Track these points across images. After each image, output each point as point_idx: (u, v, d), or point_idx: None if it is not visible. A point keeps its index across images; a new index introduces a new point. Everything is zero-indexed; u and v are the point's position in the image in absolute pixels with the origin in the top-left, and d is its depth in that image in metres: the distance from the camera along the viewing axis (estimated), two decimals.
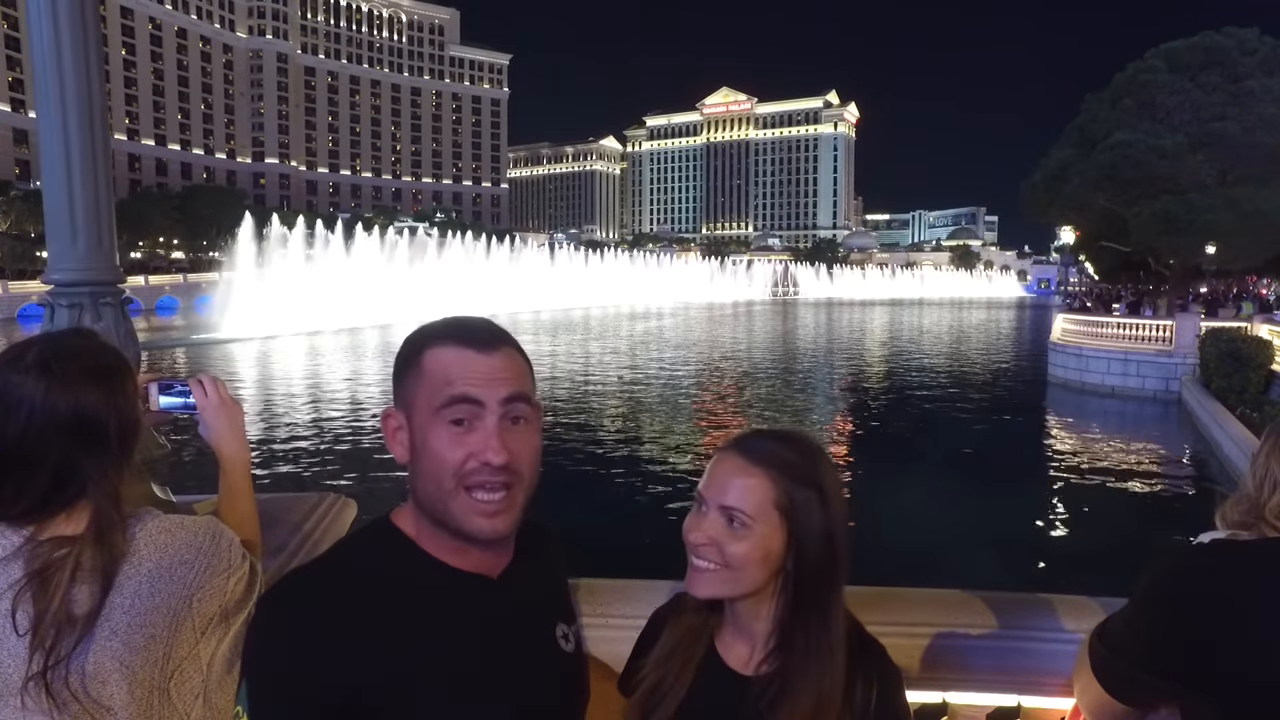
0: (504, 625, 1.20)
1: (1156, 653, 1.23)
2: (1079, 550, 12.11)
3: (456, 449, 1.14)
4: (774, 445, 1.29)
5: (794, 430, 1.38)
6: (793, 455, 1.27)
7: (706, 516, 1.28)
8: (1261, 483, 1.45)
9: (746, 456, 1.28)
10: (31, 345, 1.40)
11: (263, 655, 1.13)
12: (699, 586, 1.29)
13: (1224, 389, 21.56)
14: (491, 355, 1.18)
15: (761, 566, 1.26)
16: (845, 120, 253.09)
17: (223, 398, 1.73)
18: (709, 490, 1.29)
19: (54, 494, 1.32)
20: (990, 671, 1.95)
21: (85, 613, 1.26)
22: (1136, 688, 1.32)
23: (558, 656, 1.29)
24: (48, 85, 2.01)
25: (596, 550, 11.09)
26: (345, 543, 1.28)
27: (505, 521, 1.17)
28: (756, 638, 1.31)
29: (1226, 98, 34.10)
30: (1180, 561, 1.24)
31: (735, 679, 1.32)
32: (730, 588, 1.28)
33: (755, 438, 1.32)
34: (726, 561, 1.26)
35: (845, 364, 38.69)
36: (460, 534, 1.18)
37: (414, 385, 1.17)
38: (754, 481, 1.25)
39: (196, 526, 1.42)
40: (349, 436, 18.88)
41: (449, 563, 1.19)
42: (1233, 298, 47.91)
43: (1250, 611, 1.11)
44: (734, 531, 1.25)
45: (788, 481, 1.25)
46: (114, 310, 2.14)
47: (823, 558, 1.25)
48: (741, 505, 1.25)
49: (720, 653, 1.35)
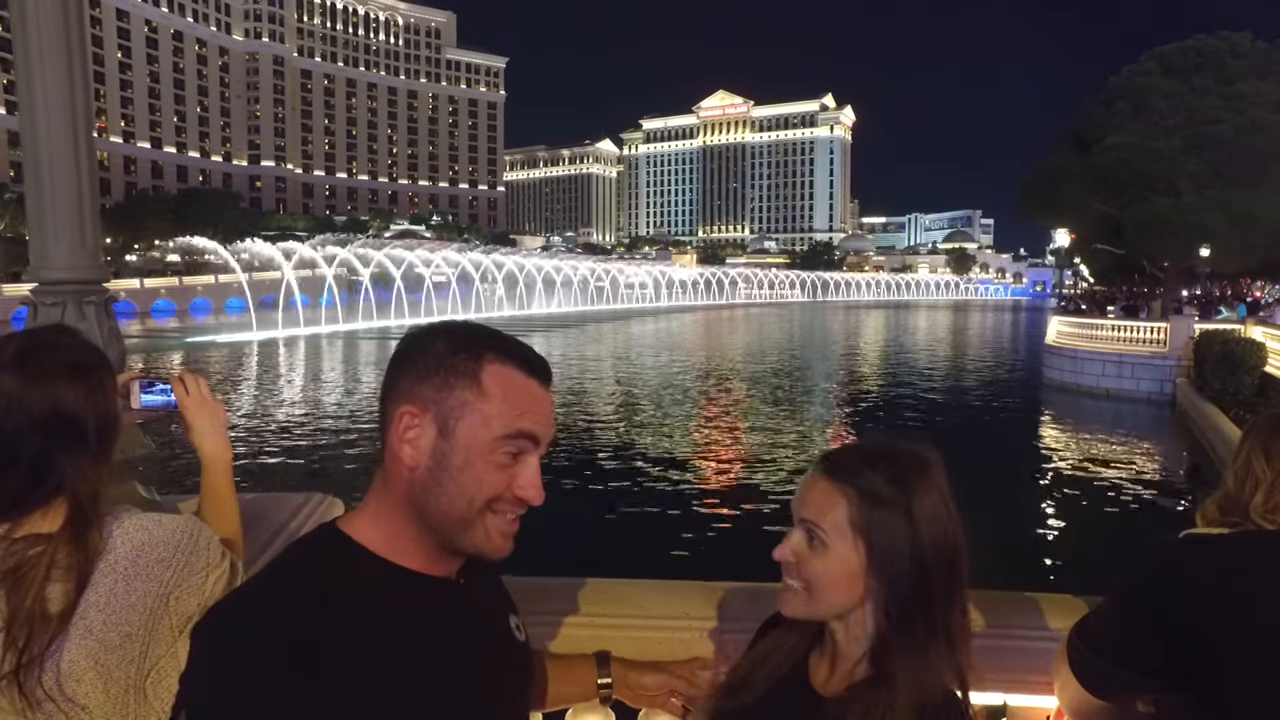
0: (469, 620, 1.20)
1: (1131, 649, 1.23)
2: (1072, 551, 12.13)
3: (502, 477, 1.10)
4: (858, 461, 1.25)
5: (892, 445, 1.29)
6: (878, 472, 1.22)
7: (792, 533, 1.27)
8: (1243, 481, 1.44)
9: (828, 472, 1.25)
10: (9, 342, 1.39)
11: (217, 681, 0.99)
12: (785, 606, 1.28)
13: (1218, 391, 21.63)
14: (548, 389, 1.15)
15: (842, 588, 1.21)
16: (841, 123, 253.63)
17: (204, 396, 1.72)
18: (796, 505, 1.28)
19: (29, 491, 1.31)
20: (977, 670, 1.94)
21: (59, 611, 1.25)
22: (1112, 683, 1.33)
23: (514, 646, 1.30)
24: (29, 84, 2.00)
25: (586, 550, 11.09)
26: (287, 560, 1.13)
27: (511, 545, 1.16)
28: (845, 661, 1.26)
29: (1219, 101, 34.29)
30: (1153, 558, 1.24)
31: (812, 697, 1.28)
32: (811, 609, 1.25)
33: (842, 453, 1.28)
34: (806, 580, 1.24)
35: (838, 367, 38.73)
36: (464, 550, 1.14)
37: (462, 394, 1.08)
38: (831, 499, 1.22)
39: (175, 524, 1.41)
40: (340, 438, 18.83)
41: (414, 569, 1.14)
42: (1226, 300, 48.06)
43: (1221, 604, 1.11)
44: (813, 549, 1.23)
45: (867, 500, 1.20)
46: (97, 309, 2.13)
47: (911, 583, 1.18)
48: (819, 520, 1.22)
49: (810, 668, 1.33)
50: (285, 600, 1.04)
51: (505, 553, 1.14)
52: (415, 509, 1.10)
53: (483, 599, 1.25)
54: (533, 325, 60.42)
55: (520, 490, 1.10)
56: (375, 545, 1.12)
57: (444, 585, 1.17)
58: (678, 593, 2.13)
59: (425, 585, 1.14)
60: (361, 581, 1.08)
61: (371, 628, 1.04)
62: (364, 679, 1.01)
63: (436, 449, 1.08)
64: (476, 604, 1.22)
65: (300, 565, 1.11)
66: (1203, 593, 1.13)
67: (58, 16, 1.98)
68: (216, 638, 1.03)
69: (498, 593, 1.34)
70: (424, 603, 1.12)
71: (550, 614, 2.01)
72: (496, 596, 1.32)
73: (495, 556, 1.13)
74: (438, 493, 1.08)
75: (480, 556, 1.14)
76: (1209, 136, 33.17)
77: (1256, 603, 1.10)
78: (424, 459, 1.09)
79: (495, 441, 1.08)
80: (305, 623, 1.00)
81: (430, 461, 1.08)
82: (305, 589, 1.05)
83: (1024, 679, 1.93)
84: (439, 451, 1.08)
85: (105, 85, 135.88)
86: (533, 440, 1.11)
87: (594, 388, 29.07)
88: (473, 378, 1.09)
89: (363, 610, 1.05)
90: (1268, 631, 1.08)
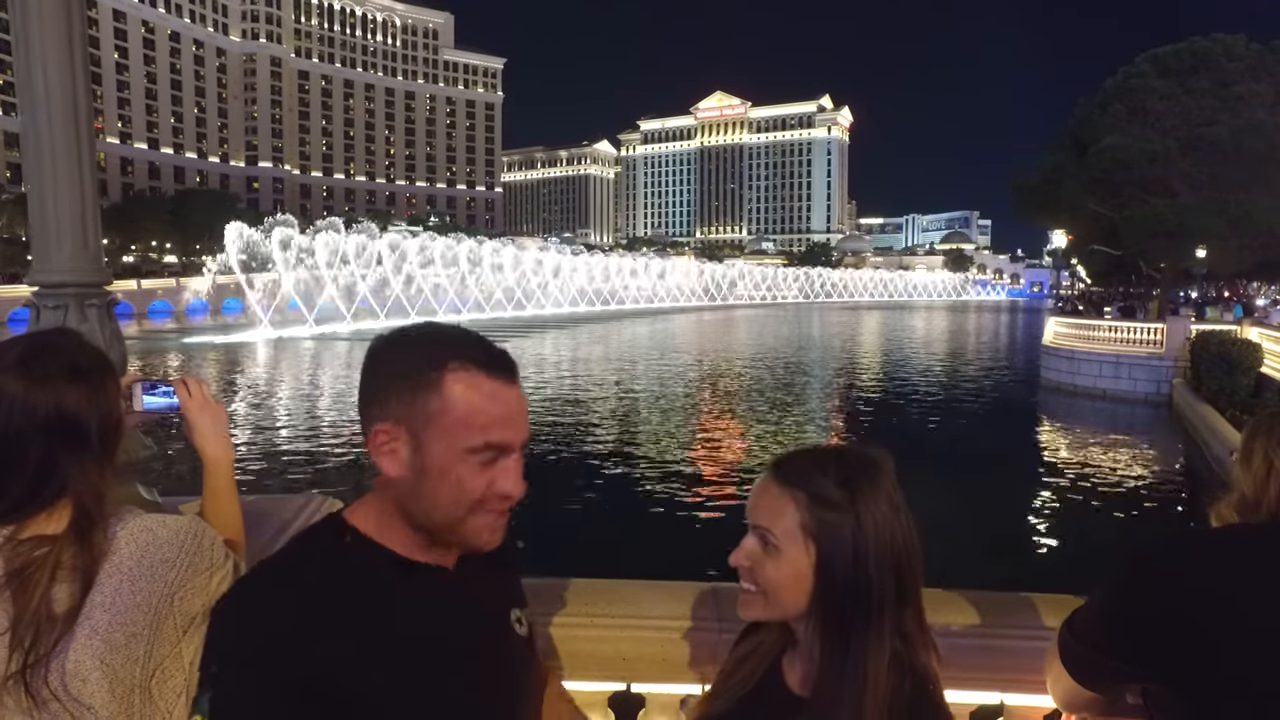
0: (461, 613, 1.23)
1: (1120, 640, 1.25)
2: (1068, 551, 12.16)
3: (480, 480, 1.13)
4: (807, 465, 1.26)
5: (841, 448, 1.31)
6: (827, 475, 1.23)
7: (746, 539, 1.29)
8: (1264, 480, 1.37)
9: (778, 477, 1.27)
10: (13, 345, 1.40)
11: (231, 641, 1.13)
12: (743, 609, 1.30)
13: (1214, 392, 21.68)
14: (513, 387, 1.16)
15: (796, 590, 1.23)
16: (839, 124, 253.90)
17: (205, 398, 1.73)
18: (749, 511, 1.30)
19: (34, 493, 1.31)
20: (974, 669, 1.95)
21: (65, 611, 1.25)
22: (1101, 674, 1.35)
23: (513, 639, 1.32)
24: (32, 85, 2.01)
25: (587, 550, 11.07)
26: (302, 539, 1.24)
27: (502, 535, 1.21)
28: (811, 661, 1.28)
29: (1215, 102, 34.36)
30: (1142, 553, 1.26)
31: (787, 697, 1.31)
32: (768, 611, 1.28)
33: (791, 458, 1.30)
34: (760, 584, 1.26)
35: (837, 367, 38.75)
36: (457, 545, 1.20)
37: (428, 406, 1.11)
38: (782, 503, 1.24)
39: (178, 525, 1.42)
40: (342, 440, 18.82)
41: (409, 557, 1.20)
42: (1223, 301, 48.17)
43: (1208, 597, 1.13)
44: (767, 553, 1.25)
45: (816, 503, 1.22)
46: (99, 312, 2.14)
47: (850, 584, 1.20)
48: (770, 525, 1.24)
49: (784, 669, 1.35)
50: (292, 579, 1.14)
51: (495, 544, 1.20)
52: (405, 511, 1.17)
53: (480, 590, 1.28)
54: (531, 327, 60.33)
55: (499, 489, 1.15)
56: (375, 534, 1.19)
57: (439, 574, 1.22)
58: (674, 593, 2.15)
59: (420, 573, 1.20)
60: (361, 566, 1.16)
61: (370, 609, 1.13)
62: (360, 656, 1.09)
63: (414, 462, 1.13)
64: (472, 593, 1.25)
65: (308, 548, 1.20)
66: (1191, 584, 1.15)
67: (60, 17, 1.99)
68: (230, 611, 1.17)
69: (500, 585, 1.36)
70: (418, 589, 1.18)
71: (548, 613, 2.03)
72: (498, 589, 1.35)
73: (486, 549, 1.19)
74: (422, 499, 1.14)
75: (472, 550, 1.20)
76: (1205, 138, 33.23)
77: (1244, 594, 1.12)
78: (404, 470, 1.13)
79: (465, 452, 1.12)
80: (310, 601, 1.11)
81: (410, 473, 1.13)
82: (310, 569, 1.15)
83: (1020, 678, 1.95)
84: (416, 464, 1.13)
85: (102, 86, 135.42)
86: (504, 448, 1.14)
87: (594, 387, 29.06)
88: (436, 389, 1.11)
89: (362, 593, 1.13)
90: (1255, 622, 1.10)
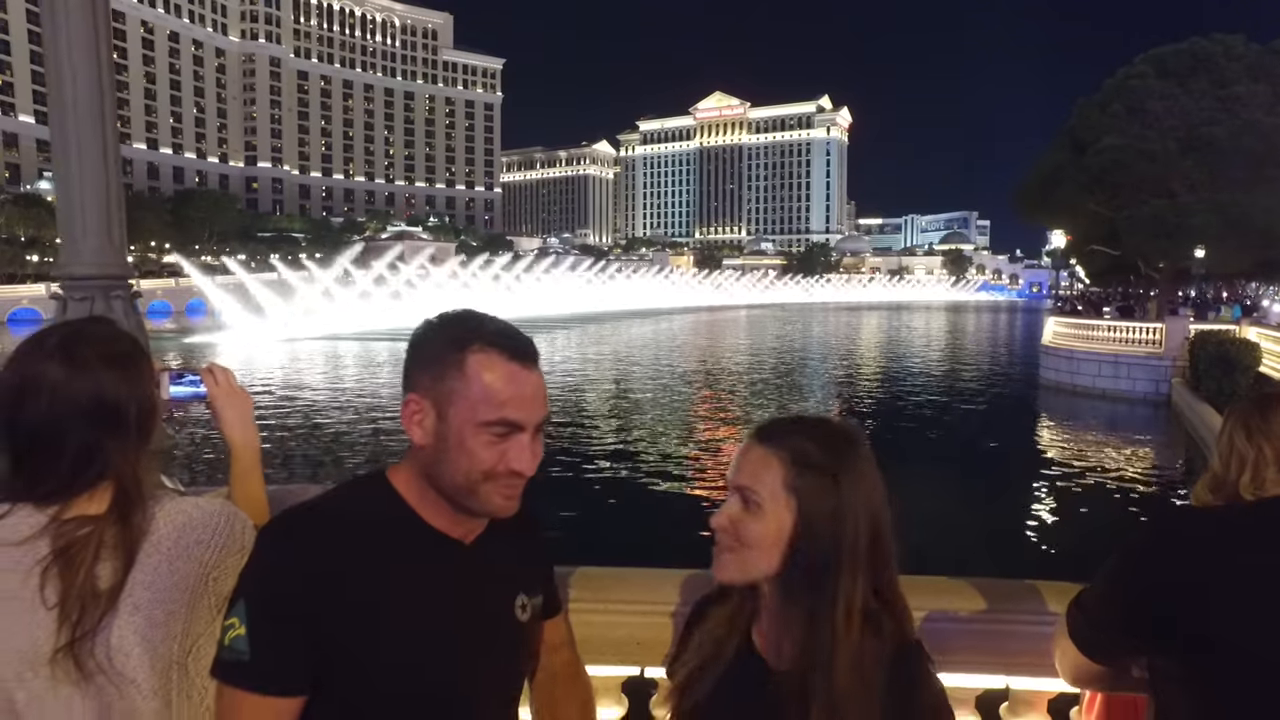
0: (468, 585, 1.31)
1: (1125, 614, 1.30)
2: (1068, 549, 12.19)
3: (492, 454, 1.24)
4: (791, 430, 1.31)
5: (821, 417, 1.37)
6: (810, 439, 1.28)
7: (728, 500, 1.32)
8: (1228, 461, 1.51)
9: (762, 439, 1.31)
10: (52, 332, 1.45)
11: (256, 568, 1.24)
12: (718, 569, 1.32)
13: (1212, 392, 21.72)
14: (532, 372, 1.26)
15: (775, 548, 1.26)
16: (838, 125, 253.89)
17: (232, 386, 1.78)
18: (731, 474, 1.33)
19: (77, 475, 1.36)
20: (979, 653, 1.99)
21: (109, 588, 1.30)
22: (1107, 647, 1.40)
23: (511, 622, 1.38)
24: (60, 87, 2.06)
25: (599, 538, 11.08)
26: (343, 489, 1.35)
27: (517, 504, 1.31)
28: (787, 625, 1.30)
29: (1214, 103, 34.42)
30: (1146, 529, 1.31)
31: (764, 668, 1.32)
32: (745, 570, 1.29)
33: (774, 423, 1.34)
34: (742, 540, 1.28)
35: (836, 367, 38.79)
36: (474, 512, 1.30)
37: (451, 383, 1.23)
38: (766, 462, 1.28)
39: (212, 508, 1.46)
40: (366, 433, 18.86)
41: (432, 523, 1.30)
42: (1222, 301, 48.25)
43: (1210, 571, 1.18)
44: (749, 512, 1.28)
45: (800, 464, 1.26)
46: (123, 303, 2.19)
47: (829, 542, 1.23)
48: (753, 484, 1.27)
49: (756, 641, 1.36)
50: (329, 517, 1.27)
51: (510, 511, 1.30)
52: (429, 477, 1.28)
53: (491, 568, 1.36)
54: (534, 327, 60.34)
55: (510, 464, 1.25)
56: (407, 495, 1.31)
57: (450, 543, 1.32)
58: (686, 579, 2.19)
59: (435, 540, 1.30)
60: (390, 518, 1.28)
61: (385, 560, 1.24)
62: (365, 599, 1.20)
63: (437, 430, 1.24)
64: (481, 570, 1.34)
65: (351, 493, 1.34)
66: (1196, 558, 1.20)
67: (87, 22, 2.04)
68: (265, 538, 1.27)
69: (514, 569, 1.42)
70: (428, 554, 1.29)
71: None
72: (509, 572, 1.40)
73: (502, 515, 1.30)
74: (442, 466, 1.25)
75: (490, 515, 1.31)
76: (1204, 138, 33.30)
77: (1247, 568, 1.17)
78: (429, 438, 1.25)
79: (481, 426, 1.23)
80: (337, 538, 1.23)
81: (433, 440, 1.25)
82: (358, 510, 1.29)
83: (1025, 662, 1.98)
84: (439, 433, 1.24)
85: None
86: (516, 426, 1.24)
87: (593, 388, 29.10)
88: (459, 368, 1.23)
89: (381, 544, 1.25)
90: (1257, 595, 1.14)
